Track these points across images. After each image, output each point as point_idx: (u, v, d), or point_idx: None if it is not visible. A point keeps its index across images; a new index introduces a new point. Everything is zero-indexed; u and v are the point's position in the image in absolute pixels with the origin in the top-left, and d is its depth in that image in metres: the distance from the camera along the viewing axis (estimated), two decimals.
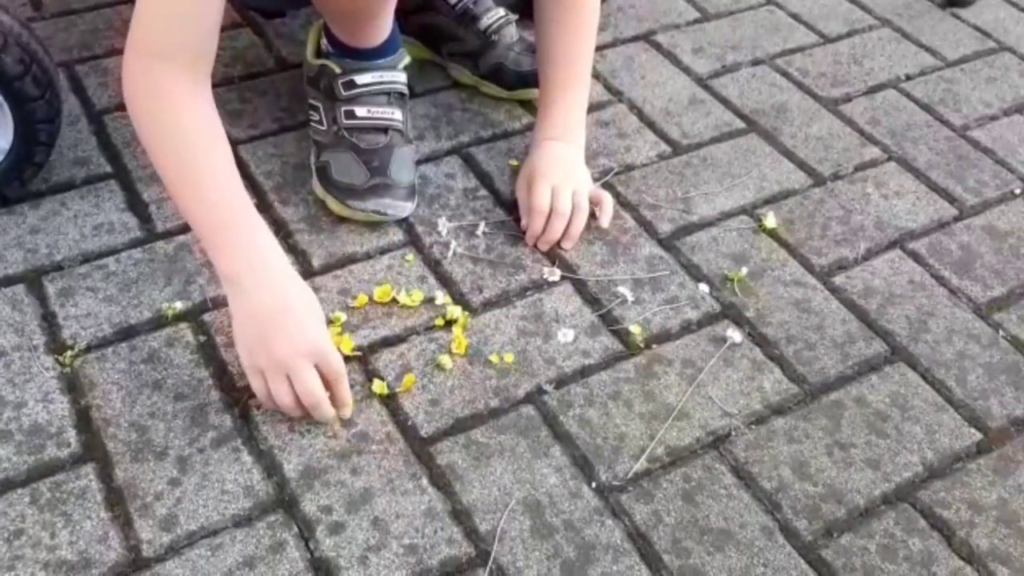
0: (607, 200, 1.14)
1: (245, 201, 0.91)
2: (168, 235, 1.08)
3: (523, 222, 1.13)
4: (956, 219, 1.22)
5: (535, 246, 1.12)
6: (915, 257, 1.16)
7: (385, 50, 1.13)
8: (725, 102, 1.36)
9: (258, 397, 0.90)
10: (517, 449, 0.92)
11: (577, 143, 1.16)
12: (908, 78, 1.45)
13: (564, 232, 1.11)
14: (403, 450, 0.91)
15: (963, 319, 1.09)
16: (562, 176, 1.12)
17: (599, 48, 1.40)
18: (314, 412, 0.89)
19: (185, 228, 1.08)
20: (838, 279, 1.12)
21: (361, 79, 1.12)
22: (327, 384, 0.89)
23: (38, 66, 0.98)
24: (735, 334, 1.03)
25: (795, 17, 1.55)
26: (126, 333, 0.98)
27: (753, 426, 0.96)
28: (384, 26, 1.12)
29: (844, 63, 1.47)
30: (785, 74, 1.43)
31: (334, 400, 0.90)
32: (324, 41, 1.15)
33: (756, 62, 1.45)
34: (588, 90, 1.18)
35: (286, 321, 0.88)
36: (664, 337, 1.03)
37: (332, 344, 0.90)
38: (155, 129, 0.89)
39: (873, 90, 1.42)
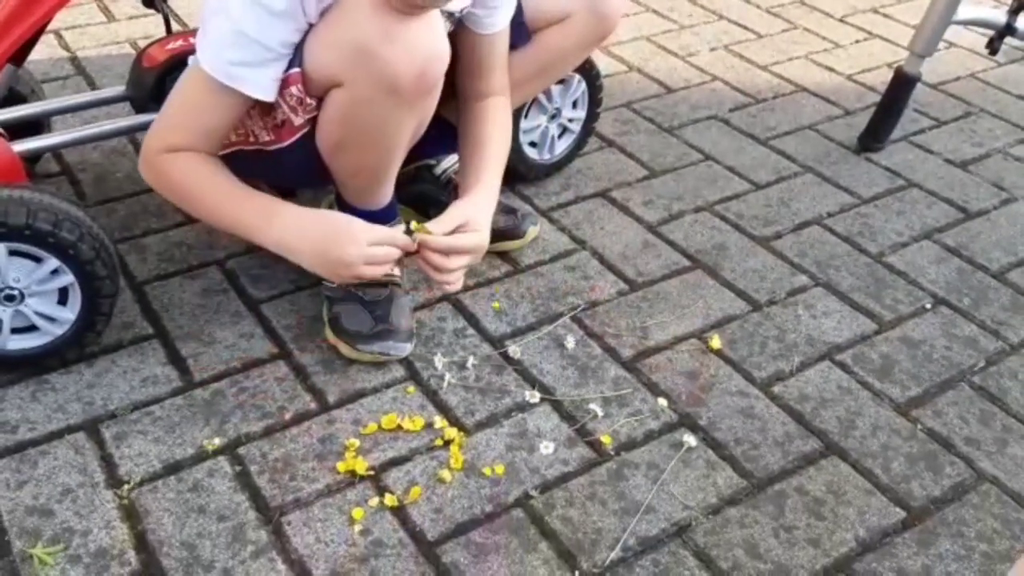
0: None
1: (261, 194, 1.16)
2: (204, 383, 1.27)
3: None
4: (876, 333, 1.43)
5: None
6: (842, 367, 1.36)
7: (385, 217, 1.35)
8: (673, 245, 1.59)
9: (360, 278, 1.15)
10: (510, 546, 1.08)
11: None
12: (829, 215, 1.70)
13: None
14: (413, 553, 1.07)
15: (886, 417, 1.28)
16: None
17: (564, 205, 1.65)
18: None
19: (218, 376, 1.27)
20: (776, 388, 1.32)
21: None
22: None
23: (104, 251, 1.19)
24: (691, 439, 1.22)
25: (730, 169, 1.81)
26: (173, 468, 1.15)
27: (710, 516, 1.13)
28: (386, 192, 1.33)
29: (774, 206, 1.71)
30: (723, 218, 1.67)
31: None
32: (336, 208, 1.37)
33: (698, 209, 1.69)
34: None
35: (337, 236, 1.13)
36: (631, 445, 1.21)
37: (383, 231, 1.14)
38: (177, 189, 1.17)
39: (799, 227, 1.66)
